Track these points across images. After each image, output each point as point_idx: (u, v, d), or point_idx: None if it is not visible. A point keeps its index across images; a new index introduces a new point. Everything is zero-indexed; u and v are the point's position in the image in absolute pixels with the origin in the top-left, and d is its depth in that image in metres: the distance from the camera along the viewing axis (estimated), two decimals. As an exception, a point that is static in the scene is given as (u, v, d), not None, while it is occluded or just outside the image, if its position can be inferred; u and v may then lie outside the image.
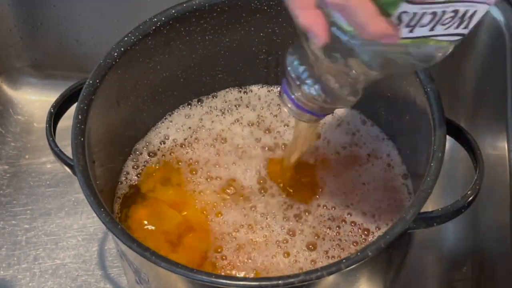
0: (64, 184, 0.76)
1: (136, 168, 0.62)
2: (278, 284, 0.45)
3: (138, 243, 0.47)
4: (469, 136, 0.54)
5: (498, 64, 0.65)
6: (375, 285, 0.55)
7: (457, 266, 0.69)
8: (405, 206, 0.59)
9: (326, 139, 0.63)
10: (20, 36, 0.81)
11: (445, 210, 0.50)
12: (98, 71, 0.55)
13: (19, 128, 0.82)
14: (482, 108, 0.71)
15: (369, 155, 0.62)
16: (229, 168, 0.62)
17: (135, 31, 0.57)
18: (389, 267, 0.56)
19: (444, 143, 0.51)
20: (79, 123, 0.53)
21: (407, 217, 0.48)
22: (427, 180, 0.49)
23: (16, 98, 0.84)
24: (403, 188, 0.60)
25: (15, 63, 0.83)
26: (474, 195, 0.51)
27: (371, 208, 0.59)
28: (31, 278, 0.70)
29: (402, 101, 0.58)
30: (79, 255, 0.72)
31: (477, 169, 0.52)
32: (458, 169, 0.72)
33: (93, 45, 0.79)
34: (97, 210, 0.49)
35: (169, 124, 0.65)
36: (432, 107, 0.53)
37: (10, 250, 0.72)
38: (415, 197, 0.49)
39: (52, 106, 0.56)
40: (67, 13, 0.77)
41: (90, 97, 0.54)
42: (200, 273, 0.46)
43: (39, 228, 0.74)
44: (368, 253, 0.46)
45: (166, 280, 0.52)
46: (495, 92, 0.67)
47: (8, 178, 0.77)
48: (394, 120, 0.61)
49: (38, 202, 0.75)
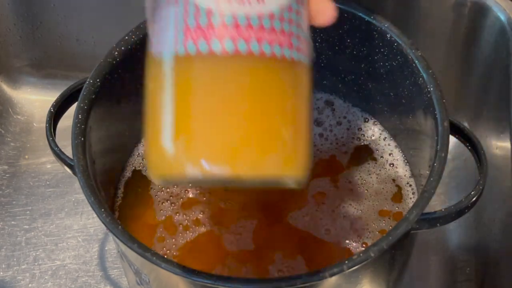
0: (64, 184, 0.76)
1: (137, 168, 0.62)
2: (280, 285, 0.45)
3: (139, 244, 0.47)
4: (473, 136, 0.54)
5: (501, 63, 0.65)
6: (377, 286, 0.55)
7: (460, 267, 0.68)
8: (408, 206, 0.59)
9: (327, 138, 0.63)
10: (19, 35, 0.80)
11: (449, 210, 0.50)
12: (99, 71, 0.55)
13: (18, 128, 0.82)
14: (485, 108, 0.70)
15: (372, 154, 0.62)
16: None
17: (136, 30, 0.57)
18: (392, 268, 0.55)
19: (448, 143, 0.51)
20: (79, 122, 0.53)
21: (410, 218, 0.48)
22: (430, 180, 0.49)
23: (15, 98, 0.84)
24: (406, 188, 0.60)
25: (14, 63, 0.83)
26: (477, 196, 0.50)
27: (374, 208, 0.59)
28: (30, 279, 0.70)
29: (405, 100, 0.58)
30: (79, 256, 0.71)
31: (481, 169, 0.52)
32: (462, 169, 0.72)
33: (94, 44, 0.79)
34: (98, 211, 0.49)
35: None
36: (435, 107, 0.52)
37: (9, 251, 0.72)
38: (418, 197, 0.49)
39: (52, 106, 0.56)
40: (67, 12, 0.77)
41: (91, 96, 0.54)
42: (201, 274, 0.46)
43: (39, 228, 0.73)
44: (370, 254, 0.46)
45: (167, 281, 0.51)
46: (498, 91, 0.66)
47: (7, 178, 0.77)
48: (397, 120, 0.61)
49: (38, 203, 0.75)
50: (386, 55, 0.58)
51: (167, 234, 0.59)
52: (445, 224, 0.50)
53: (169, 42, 0.39)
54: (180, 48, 0.38)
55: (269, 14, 0.38)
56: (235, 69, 0.38)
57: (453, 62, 0.72)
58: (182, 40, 0.38)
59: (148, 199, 0.61)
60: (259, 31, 0.38)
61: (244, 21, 0.38)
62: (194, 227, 0.59)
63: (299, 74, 0.40)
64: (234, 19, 0.38)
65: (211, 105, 0.38)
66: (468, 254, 0.69)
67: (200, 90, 0.38)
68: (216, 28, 0.38)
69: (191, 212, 0.60)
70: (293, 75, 0.39)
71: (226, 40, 0.37)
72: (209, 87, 0.38)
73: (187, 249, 0.58)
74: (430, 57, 0.55)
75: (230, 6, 0.38)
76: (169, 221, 0.59)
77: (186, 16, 0.38)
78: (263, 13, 0.38)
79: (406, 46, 0.55)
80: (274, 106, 0.38)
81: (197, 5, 0.38)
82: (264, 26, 0.38)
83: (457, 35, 0.69)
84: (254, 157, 0.38)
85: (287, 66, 0.39)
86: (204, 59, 0.38)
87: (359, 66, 0.61)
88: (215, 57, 0.37)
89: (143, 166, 0.62)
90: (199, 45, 0.38)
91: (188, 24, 0.38)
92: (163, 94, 0.39)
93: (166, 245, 0.58)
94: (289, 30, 0.39)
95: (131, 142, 0.63)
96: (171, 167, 0.38)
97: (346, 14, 0.57)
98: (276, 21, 0.39)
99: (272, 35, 0.38)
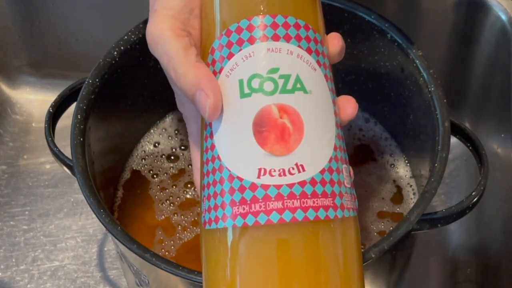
0: (63, 184, 0.76)
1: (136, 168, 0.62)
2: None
3: (138, 245, 0.47)
4: (474, 136, 0.54)
5: (502, 63, 0.65)
6: (378, 286, 0.55)
7: (461, 268, 0.68)
8: (409, 207, 0.59)
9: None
10: (18, 35, 0.80)
11: (449, 211, 0.50)
12: (98, 70, 0.55)
13: (17, 128, 0.81)
14: (486, 108, 0.70)
15: (372, 154, 0.62)
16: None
17: (135, 30, 0.57)
18: (392, 269, 0.55)
19: (449, 144, 0.50)
20: (78, 123, 0.53)
21: (411, 218, 0.48)
22: (431, 181, 0.49)
23: (14, 98, 0.84)
24: (407, 189, 0.60)
25: (13, 62, 0.83)
26: (478, 196, 0.50)
27: (374, 209, 0.59)
28: (29, 280, 0.70)
29: (406, 100, 0.58)
30: (78, 256, 0.71)
31: (482, 169, 0.52)
32: (463, 170, 0.72)
33: (93, 44, 0.79)
34: (97, 211, 0.49)
35: (170, 123, 0.64)
36: (436, 107, 0.52)
37: (8, 251, 0.72)
38: (419, 198, 0.49)
39: (51, 106, 0.56)
40: (66, 12, 0.77)
41: (90, 96, 0.54)
42: (201, 275, 0.45)
43: (38, 229, 0.73)
44: (371, 255, 0.46)
45: (166, 282, 0.51)
46: (499, 91, 0.66)
47: (6, 178, 0.77)
48: (397, 120, 0.61)
49: (36, 203, 0.75)
50: (387, 55, 0.57)
51: (166, 234, 0.58)
52: (446, 224, 0.50)
53: (221, 215, 0.40)
54: (229, 222, 0.40)
55: (311, 180, 0.39)
56: (287, 236, 0.39)
57: (454, 62, 0.71)
58: (231, 214, 0.39)
59: (147, 200, 0.60)
60: (302, 198, 0.39)
61: (287, 191, 0.39)
62: (193, 228, 0.59)
63: (346, 228, 0.41)
64: (277, 190, 0.39)
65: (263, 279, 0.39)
66: (468, 255, 0.69)
67: (253, 262, 0.39)
68: (261, 201, 0.39)
69: (189, 213, 0.60)
70: (340, 231, 0.40)
71: (272, 212, 0.39)
72: (257, 260, 0.39)
73: (185, 249, 0.58)
74: (431, 57, 0.55)
75: (272, 180, 0.39)
76: (168, 222, 0.59)
77: (231, 191, 0.40)
78: (305, 180, 0.39)
79: (407, 46, 0.55)
80: (327, 267, 0.40)
81: (240, 179, 0.40)
82: (307, 193, 0.39)
83: (458, 34, 0.69)
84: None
85: (332, 226, 0.40)
86: (252, 231, 0.39)
87: (359, 66, 0.61)
88: (263, 228, 0.39)
89: (142, 166, 0.62)
90: (247, 219, 0.39)
91: (234, 199, 0.40)
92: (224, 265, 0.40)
93: (165, 245, 0.58)
94: (331, 191, 0.40)
95: (131, 143, 0.63)
96: None
97: (347, 14, 0.57)
98: (318, 185, 0.40)
99: (315, 199, 0.39)
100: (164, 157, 0.63)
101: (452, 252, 0.70)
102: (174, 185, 0.61)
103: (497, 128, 0.66)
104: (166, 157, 0.63)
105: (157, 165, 0.62)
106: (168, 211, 0.60)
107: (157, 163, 0.62)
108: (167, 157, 0.63)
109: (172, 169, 0.62)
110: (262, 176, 0.39)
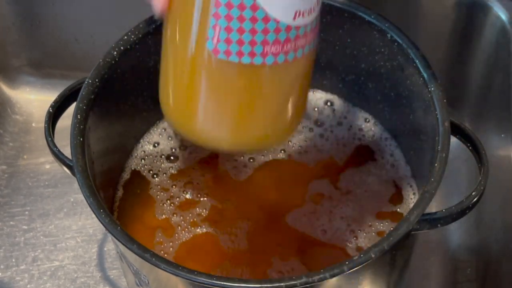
0: (63, 184, 0.76)
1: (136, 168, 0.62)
2: (280, 286, 0.45)
3: (138, 245, 0.47)
4: (474, 136, 0.54)
5: (502, 63, 0.65)
6: (378, 287, 0.55)
7: (461, 268, 0.68)
8: (409, 207, 0.59)
9: (327, 138, 0.63)
10: (18, 35, 0.80)
11: (449, 211, 0.50)
12: (98, 70, 0.55)
13: (17, 128, 0.81)
14: (486, 108, 0.70)
15: (372, 154, 0.62)
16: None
17: (135, 30, 0.57)
18: (392, 269, 0.55)
19: (449, 144, 0.50)
20: (78, 123, 0.53)
21: (410, 218, 0.47)
22: (431, 181, 0.49)
23: (14, 98, 0.84)
24: (407, 189, 0.60)
25: (13, 62, 0.83)
26: (478, 196, 0.50)
27: (374, 209, 0.59)
28: (29, 280, 0.70)
29: (406, 100, 0.58)
30: (78, 256, 0.71)
31: (482, 169, 0.52)
32: (463, 170, 0.72)
33: (93, 44, 0.79)
34: (97, 211, 0.49)
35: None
36: (436, 107, 0.52)
37: (8, 251, 0.72)
38: (419, 198, 0.49)
39: (51, 106, 0.56)
40: (66, 11, 0.77)
41: (90, 96, 0.54)
42: (201, 275, 0.45)
43: (38, 229, 0.73)
44: (371, 255, 0.46)
45: (166, 282, 0.51)
46: (499, 91, 0.66)
47: (6, 178, 0.77)
48: (397, 120, 0.61)
49: (36, 203, 0.75)
50: (387, 55, 0.57)
51: (165, 235, 0.58)
52: (446, 224, 0.50)
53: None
54: (257, 59, 0.44)
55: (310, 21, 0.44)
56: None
57: (454, 62, 0.71)
58: (261, 53, 0.43)
59: (147, 200, 0.60)
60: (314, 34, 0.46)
61: (310, 29, 0.44)
62: (192, 228, 0.59)
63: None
64: (305, 29, 0.44)
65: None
66: (469, 255, 0.69)
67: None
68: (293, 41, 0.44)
69: (189, 213, 0.60)
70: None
71: (298, 49, 0.44)
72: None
73: (185, 250, 0.58)
74: (431, 57, 0.55)
75: (303, 20, 0.44)
76: (168, 222, 0.59)
77: (265, 32, 0.43)
78: (316, 18, 0.45)
79: (407, 46, 0.55)
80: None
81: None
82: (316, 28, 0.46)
83: (458, 34, 0.69)
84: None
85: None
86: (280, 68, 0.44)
87: (359, 66, 0.61)
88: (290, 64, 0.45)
89: (142, 167, 0.62)
90: (278, 57, 0.44)
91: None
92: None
93: (165, 246, 0.58)
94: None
95: (130, 143, 0.63)
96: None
97: (347, 14, 0.57)
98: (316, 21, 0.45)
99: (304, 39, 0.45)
100: (164, 157, 0.63)
101: (452, 252, 0.70)
102: (174, 185, 0.61)
103: (497, 128, 0.66)
104: (166, 157, 0.63)
105: (157, 165, 0.62)
106: (168, 211, 0.60)
107: (157, 163, 0.62)
108: (167, 157, 0.63)
109: (172, 169, 0.62)
110: (297, 18, 0.43)
